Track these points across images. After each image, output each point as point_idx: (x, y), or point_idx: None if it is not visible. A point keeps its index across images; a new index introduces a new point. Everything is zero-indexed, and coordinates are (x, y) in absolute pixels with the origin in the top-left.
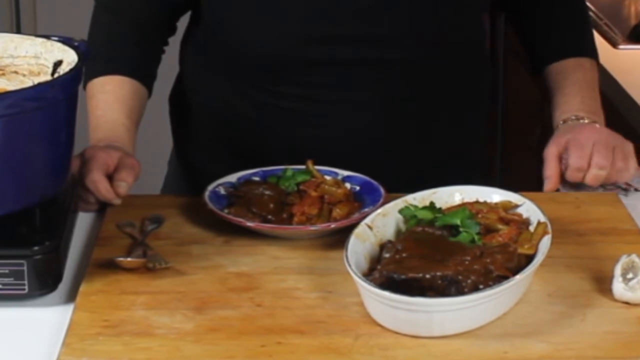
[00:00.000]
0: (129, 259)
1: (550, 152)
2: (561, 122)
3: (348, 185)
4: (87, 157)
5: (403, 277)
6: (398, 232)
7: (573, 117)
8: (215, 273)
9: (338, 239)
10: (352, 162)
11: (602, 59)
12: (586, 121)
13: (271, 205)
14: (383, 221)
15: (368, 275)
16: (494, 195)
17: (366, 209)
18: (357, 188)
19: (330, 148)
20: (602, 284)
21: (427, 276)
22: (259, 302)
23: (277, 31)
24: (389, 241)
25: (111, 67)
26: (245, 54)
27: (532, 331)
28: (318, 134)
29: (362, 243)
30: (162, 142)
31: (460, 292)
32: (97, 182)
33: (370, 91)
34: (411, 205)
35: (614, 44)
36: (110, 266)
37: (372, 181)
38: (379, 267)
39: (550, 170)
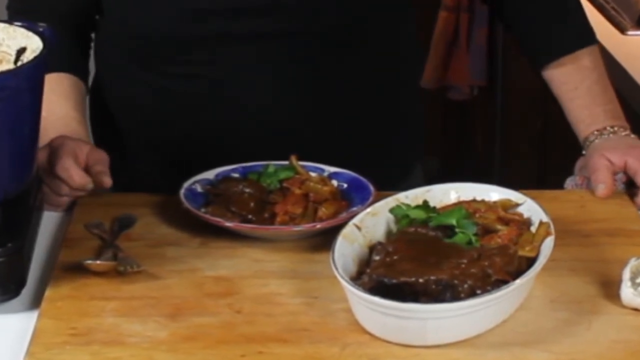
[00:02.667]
0: (98, 262)
1: (601, 163)
2: (595, 132)
3: (335, 182)
4: (55, 146)
5: (394, 281)
6: (389, 233)
7: (609, 128)
8: (191, 277)
9: (324, 240)
10: (265, 146)
11: (610, 45)
12: (623, 133)
13: (252, 204)
14: (373, 221)
15: (356, 279)
16: (493, 193)
17: (354, 208)
18: (345, 185)
19: (238, 132)
20: (609, 288)
21: (421, 280)
22: (239, 309)
23: (165, 5)
24: (379, 243)
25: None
26: (137, 34)
27: (534, 340)
28: (223, 117)
29: (350, 245)
30: None
31: (456, 297)
32: (69, 168)
33: (276, 67)
34: (403, 204)
35: (622, 30)
36: (77, 270)
37: (361, 178)
38: (368, 270)
39: (605, 176)
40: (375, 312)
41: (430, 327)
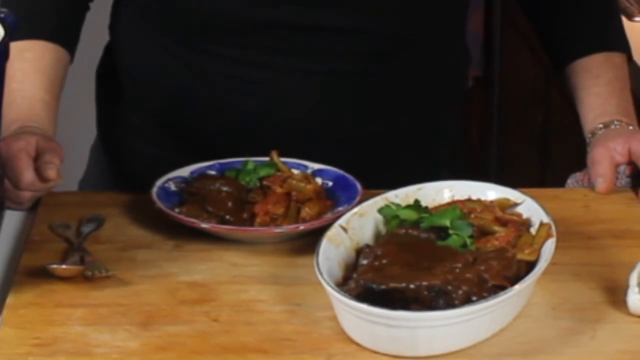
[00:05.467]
0: (63, 266)
1: (602, 154)
2: (600, 125)
3: (319, 180)
4: (5, 156)
5: (383, 287)
6: (377, 235)
7: (616, 122)
8: (164, 282)
9: (307, 242)
10: (300, 139)
11: None
12: (631, 127)
13: (229, 204)
14: (360, 222)
15: (342, 285)
16: (490, 191)
17: (340, 208)
18: (330, 184)
19: (277, 123)
20: (615, 295)
21: (412, 286)
22: (215, 317)
23: None
24: (367, 245)
25: (31, 30)
26: (188, 12)
27: (534, 350)
28: (264, 106)
29: (335, 247)
30: (84, 128)
31: (449, 304)
32: (35, 181)
33: (328, 62)
34: (393, 203)
35: (629, 16)
36: (42, 274)
37: (347, 176)
38: (355, 275)
39: (605, 169)
40: (363, 321)
41: (422, 336)
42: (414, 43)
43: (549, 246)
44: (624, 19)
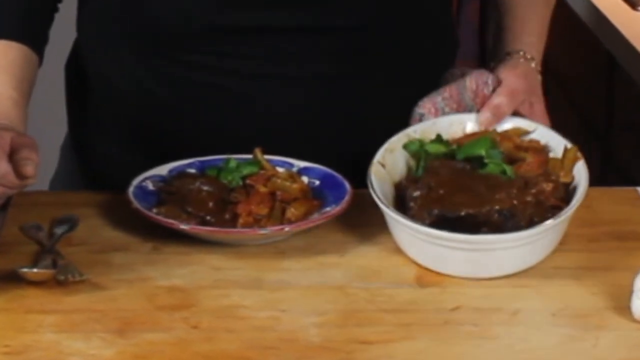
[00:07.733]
0: (35, 270)
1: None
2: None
3: (305, 179)
4: None
5: (458, 214)
6: (409, 170)
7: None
8: (142, 287)
9: (293, 244)
10: (281, 148)
11: (618, 22)
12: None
13: (210, 204)
14: (391, 158)
15: None
16: (503, 122)
17: (328, 208)
18: (317, 182)
19: (254, 132)
20: (619, 300)
21: (483, 211)
22: (195, 324)
23: None
24: (410, 179)
25: None
26: (151, 18)
27: (533, 358)
28: (239, 114)
29: (381, 184)
30: (54, 125)
31: (516, 226)
32: (8, 173)
33: (303, 65)
34: (415, 139)
35: (634, 5)
36: (12, 279)
37: (335, 174)
38: (412, 205)
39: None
40: (443, 247)
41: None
42: (394, 39)
43: (581, 168)
44: (627, 9)
